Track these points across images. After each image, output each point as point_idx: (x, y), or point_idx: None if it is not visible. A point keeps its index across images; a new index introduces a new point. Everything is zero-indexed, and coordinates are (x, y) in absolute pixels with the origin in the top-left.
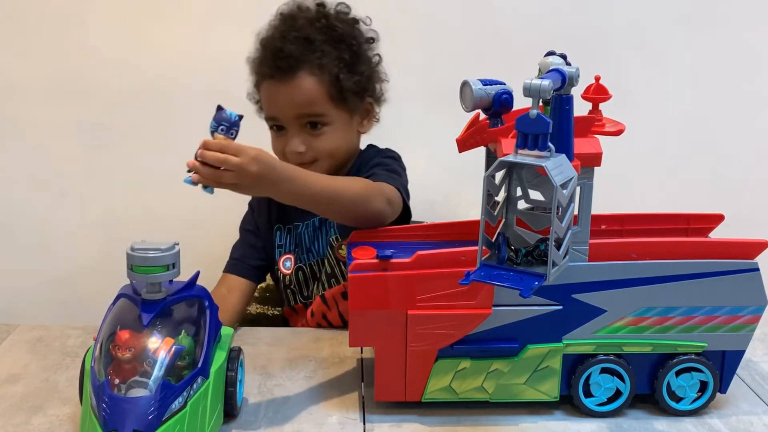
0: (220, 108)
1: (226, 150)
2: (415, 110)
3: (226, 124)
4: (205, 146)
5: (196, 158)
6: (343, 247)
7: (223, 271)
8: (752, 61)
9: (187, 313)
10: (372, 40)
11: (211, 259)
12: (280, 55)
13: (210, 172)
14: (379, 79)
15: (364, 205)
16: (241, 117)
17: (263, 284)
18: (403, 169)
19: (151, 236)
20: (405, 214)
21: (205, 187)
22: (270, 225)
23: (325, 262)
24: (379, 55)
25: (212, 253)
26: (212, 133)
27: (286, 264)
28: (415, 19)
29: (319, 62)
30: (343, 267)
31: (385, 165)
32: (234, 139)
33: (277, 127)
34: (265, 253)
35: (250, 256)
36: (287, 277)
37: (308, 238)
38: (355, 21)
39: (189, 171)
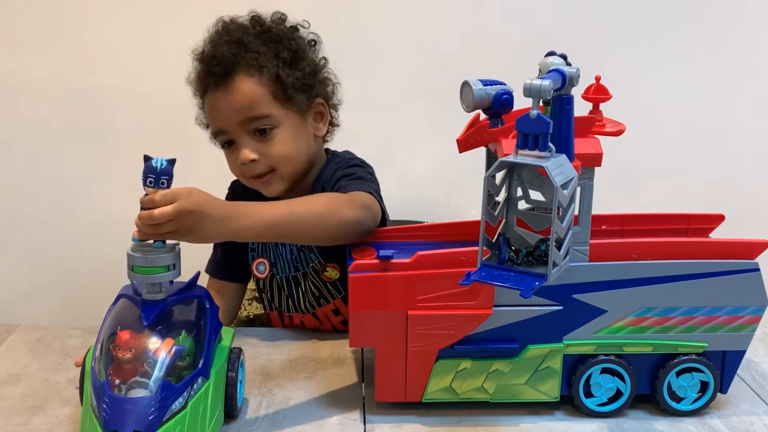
0: (146, 158)
1: (156, 203)
2: (416, 110)
3: (152, 175)
4: (141, 204)
5: None
6: (328, 269)
7: (206, 271)
8: (750, 61)
9: (188, 313)
10: (314, 43)
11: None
12: (213, 62)
13: (148, 228)
14: (329, 81)
15: (333, 219)
16: (171, 161)
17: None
18: (370, 173)
19: None
20: (381, 219)
21: (154, 241)
22: None
23: (300, 278)
24: (325, 58)
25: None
26: (152, 183)
27: (260, 268)
28: (416, 19)
29: (256, 62)
30: (330, 287)
31: (349, 175)
32: (167, 186)
33: (227, 143)
34: (238, 257)
35: (228, 257)
36: (261, 281)
37: (272, 253)
38: (294, 27)
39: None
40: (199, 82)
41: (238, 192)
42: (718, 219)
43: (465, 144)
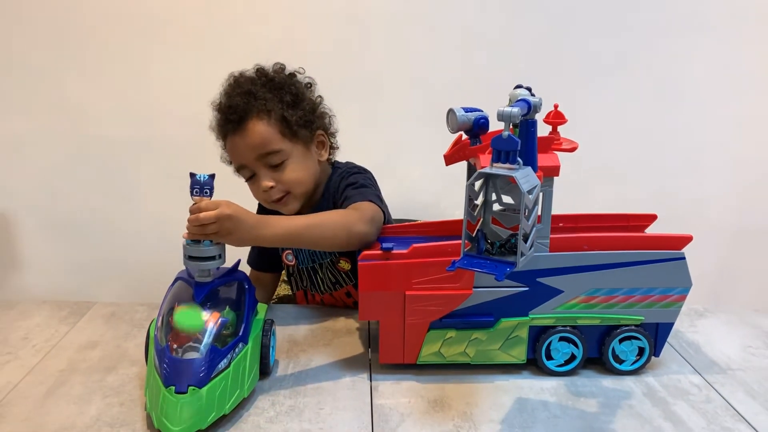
0: (192, 175)
1: (202, 209)
2: (413, 130)
3: (197, 187)
4: (190, 211)
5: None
6: (341, 261)
7: (247, 263)
8: (678, 93)
9: (231, 292)
10: (310, 85)
11: (248, 250)
12: (229, 111)
13: (196, 230)
14: (325, 115)
15: (347, 231)
16: (212, 176)
17: None
18: (371, 179)
19: None
20: (384, 218)
21: (202, 242)
22: None
23: (324, 267)
24: (320, 96)
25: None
26: (191, 197)
27: (288, 258)
28: (412, 56)
29: (265, 107)
30: (344, 276)
31: (353, 184)
32: (210, 196)
33: (248, 178)
34: (270, 249)
35: (265, 253)
36: (290, 267)
37: (294, 248)
38: (292, 74)
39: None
40: (220, 129)
41: (264, 208)
42: (652, 218)
43: (450, 158)
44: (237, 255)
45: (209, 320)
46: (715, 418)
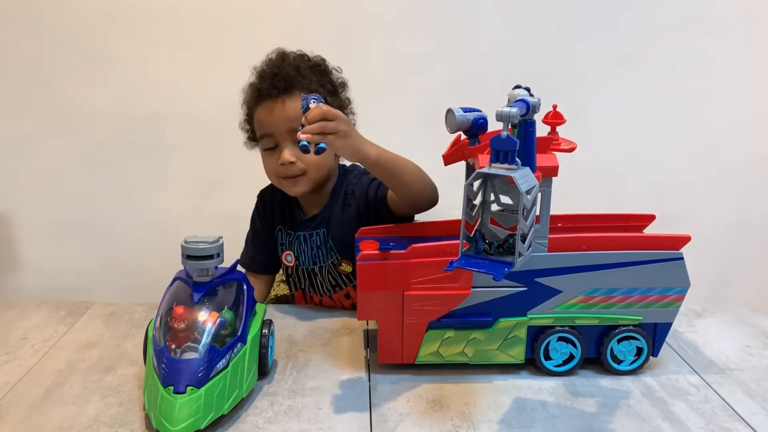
0: (303, 96)
1: (324, 106)
2: (412, 130)
3: (314, 97)
4: (307, 116)
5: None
6: (343, 264)
7: (240, 266)
8: (677, 93)
9: (229, 292)
10: (344, 85)
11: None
12: (277, 78)
13: (318, 127)
14: (351, 116)
15: (424, 181)
16: (318, 96)
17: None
18: None
19: (200, 231)
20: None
21: (317, 144)
22: (272, 223)
23: (325, 270)
24: (349, 99)
25: None
26: (306, 109)
27: (288, 258)
28: (414, 58)
29: (309, 87)
30: (344, 278)
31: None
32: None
33: (269, 148)
34: (272, 248)
35: (259, 254)
36: (289, 268)
37: (296, 249)
38: (331, 69)
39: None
40: (257, 93)
41: (266, 200)
42: (650, 218)
43: (449, 158)
44: (235, 255)
45: (207, 320)
46: (713, 418)
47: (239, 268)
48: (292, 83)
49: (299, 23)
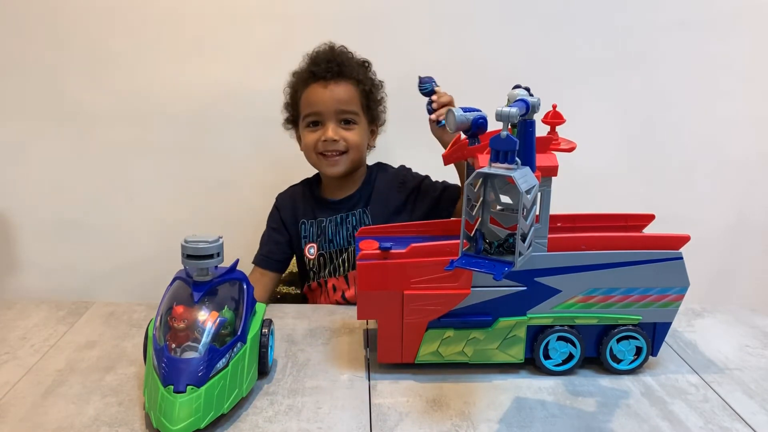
0: (421, 77)
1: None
2: (414, 131)
3: (432, 81)
4: (440, 97)
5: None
6: None
7: (252, 263)
8: (677, 93)
9: (229, 291)
10: (382, 84)
11: (247, 249)
12: (332, 63)
13: (449, 98)
14: (384, 112)
15: None
16: (432, 78)
17: (290, 269)
18: None
19: (200, 231)
20: None
21: (439, 122)
22: (296, 219)
23: (343, 252)
24: (383, 95)
25: (248, 244)
26: (429, 91)
27: (311, 251)
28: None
29: (357, 77)
30: None
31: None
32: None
33: (313, 123)
34: (288, 247)
35: (275, 251)
36: (311, 261)
37: (331, 231)
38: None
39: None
40: (310, 75)
41: (286, 199)
42: (650, 218)
43: (449, 158)
44: (235, 255)
45: (207, 320)
46: (712, 418)
47: (240, 266)
48: (343, 71)
49: (299, 24)
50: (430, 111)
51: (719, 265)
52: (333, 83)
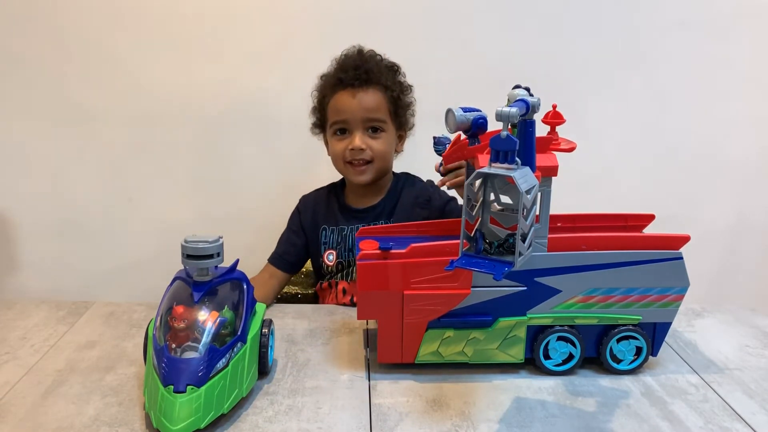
0: (435, 137)
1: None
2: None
3: (447, 143)
4: (455, 174)
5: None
6: None
7: (267, 260)
8: (677, 93)
9: (229, 292)
10: (411, 88)
11: (247, 249)
12: (360, 70)
13: (459, 180)
14: (413, 116)
15: None
16: (449, 138)
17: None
18: None
19: (200, 231)
20: None
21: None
22: (316, 225)
23: None
24: (414, 99)
25: (248, 245)
26: (440, 152)
27: (329, 257)
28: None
29: (385, 83)
30: None
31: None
32: (446, 147)
33: (340, 131)
34: (304, 250)
35: (291, 253)
36: (328, 267)
37: (351, 240)
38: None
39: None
40: (338, 81)
41: (309, 204)
42: (650, 218)
43: (449, 158)
44: (235, 255)
45: (207, 320)
46: (712, 418)
47: (240, 266)
48: (371, 78)
49: (299, 24)
50: (439, 152)
51: (719, 265)
52: (361, 90)
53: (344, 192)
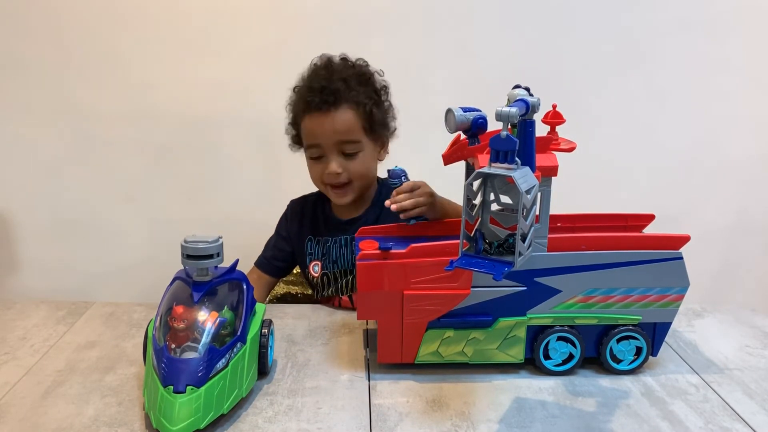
0: (389, 170)
1: (413, 186)
2: (411, 130)
3: (402, 175)
4: (398, 192)
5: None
6: None
7: (254, 264)
8: (676, 93)
9: (229, 292)
10: (386, 89)
11: (246, 250)
12: (326, 92)
13: (412, 203)
14: (394, 119)
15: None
16: (403, 169)
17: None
18: None
19: (199, 232)
20: None
21: (409, 220)
22: (301, 235)
23: (348, 273)
24: (391, 103)
25: (247, 245)
26: (396, 185)
27: (315, 269)
28: (413, 58)
29: (356, 99)
30: None
31: None
32: (407, 179)
33: (316, 157)
34: (291, 257)
35: (277, 258)
36: (314, 279)
37: (335, 252)
38: (374, 73)
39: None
40: (305, 104)
41: (297, 210)
42: (650, 218)
43: (449, 158)
44: (235, 255)
45: (207, 320)
46: (712, 418)
47: (240, 266)
48: (341, 97)
49: (300, 24)
50: (394, 185)
51: (720, 266)
52: (330, 113)
53: (330, 202)
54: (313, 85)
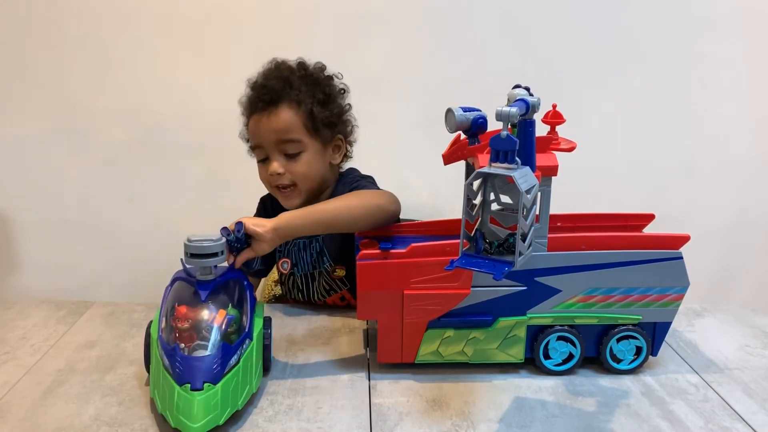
0: (222, 230)
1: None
2: (411, 130)
3: (239, 232)
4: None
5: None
6: (337, 270)
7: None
8: (676, 92)
9: (232, 290)
10: (343, 91)
11: None
12: (263, 91)
13: (241, 260)
14: (349, 123)
15: (380, 212)
16: (238, 225)
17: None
18: (372, 182)
19: (200, 231)
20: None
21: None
22: None
23: (316, 275)
24: (349, 104)
25: None
26: (233, 243)
27: (284, 265)
28: (414, 58)
29: (297, 98)
30: (338, 282)
31: (369, 182)
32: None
33: (261, 159)
34: (267, 256)
35: (252, 259)
36: (284, 276)
37: (294, 255)
38: (330, 76)
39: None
40: (249, 105)
41: (268, 204)
42: (650, 217)
43: (449, 158)
44: None
45: (216, 318)
46: (712, 417)
47: None
48: (278, 95)
49: (299, 24)
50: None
51: (719, 265)
52: (267, 112)
53: None
54: (255, 84)
